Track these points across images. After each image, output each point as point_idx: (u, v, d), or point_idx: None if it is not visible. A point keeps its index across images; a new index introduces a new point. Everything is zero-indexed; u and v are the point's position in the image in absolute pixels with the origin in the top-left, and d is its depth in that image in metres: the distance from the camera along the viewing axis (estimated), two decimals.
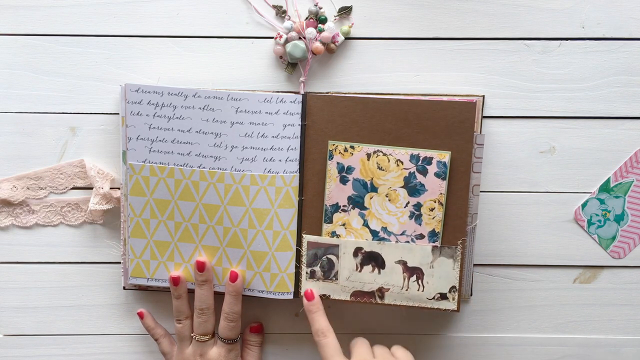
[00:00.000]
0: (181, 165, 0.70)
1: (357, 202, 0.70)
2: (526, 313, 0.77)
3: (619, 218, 0.75)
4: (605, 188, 0.74)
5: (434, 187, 0.69)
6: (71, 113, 0.73)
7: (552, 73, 0.73)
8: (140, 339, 0.76)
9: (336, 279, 0.71)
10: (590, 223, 0.75)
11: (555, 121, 0.73)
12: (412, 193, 0.69)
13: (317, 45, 0.71)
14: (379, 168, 0.69)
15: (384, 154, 0.69)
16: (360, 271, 0.71)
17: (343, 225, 0.70)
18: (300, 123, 0.70)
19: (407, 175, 0.69)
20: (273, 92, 0.70)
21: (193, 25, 0.72)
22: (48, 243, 0.75)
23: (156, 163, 0.70)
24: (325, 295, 0.71)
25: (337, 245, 0.71)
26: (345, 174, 0.69)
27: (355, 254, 0.71)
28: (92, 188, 0.72)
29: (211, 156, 0.69)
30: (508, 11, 0.72)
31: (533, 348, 0.77)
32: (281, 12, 0.71)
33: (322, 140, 0.70)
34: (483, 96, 0.72)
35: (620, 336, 0.77)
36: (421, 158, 0.69)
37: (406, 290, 0.71)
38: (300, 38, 0.71)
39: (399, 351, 0.67)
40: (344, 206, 0.70)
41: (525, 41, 0.72)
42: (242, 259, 0.71)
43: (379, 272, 0.71)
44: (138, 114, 0.69)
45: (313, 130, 0.70)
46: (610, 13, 0.72)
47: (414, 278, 0.70)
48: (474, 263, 0.75)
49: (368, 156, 0.69)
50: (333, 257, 0.71)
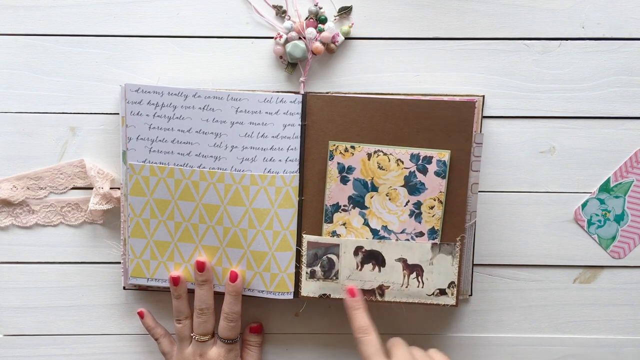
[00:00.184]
0: (181, 165, 0.70)
1: (358, 202, 0.70)
2: (526, 313, 0.77)
3: (619, 218, 0.75)
4: (605, 188, 0.74)
5: (434, 186, 0.69)
6: (71, 113, 0.73)
7: (552, 73, 0.73)
8: (140, 339, 0.76)
9: (336, 278, 0.71)
10: (590, 223, 0.75)
11: (555, 121, 0.73)
12: (413, 192, 0.70)
13: (317, 45, 0.71)
14: (380, 168, 0.69)
15: (385, 154, 0.69)
16: (360, 270, 0.71)
17: (343, 224, 0.70)
18: (300, 123, 0.70)
19: (408, 174, 0.69)
20: (273, 92, 0.70)
21: (193, 25, 0.72)
22: (48, 243, 0.75)
23: (156, 163, 0.70)
24: (325, 294, 0.71)
25: (338, 244, 0.71)
26: (345, 174, 0.69)
27: (355, 253, 0.71)
28: (92, 188, 0.72)
29: (211, 156, 0.69)
30: (508, 11, 0.72)
31: (533, 348, 0.77)
32: (281, 12, 0.71)
33: (322, 140, 0.70)
34: (483, 96, 0.72)
35: (620, 336, 0.77)
36: (421, 157, 0.69)
37: (406, 287, 0.71)
38: (300, 38, 0.71)
39: (437, 355, 0.66)
40: (345, 206, 0.70)
41: (525, 41, 0.72)
42: (242, 259, 0.71)
43: (379, 270, 0.71)
44: (138, 114, 0.69)
45: (313, 130, 0.70)
46: (610, 13, 0.72)
47: (414, 275, 0.71)
48: (474, 263, 0.75)
49: (369, 156, 0.69)
50: (333, 257, 0.71)
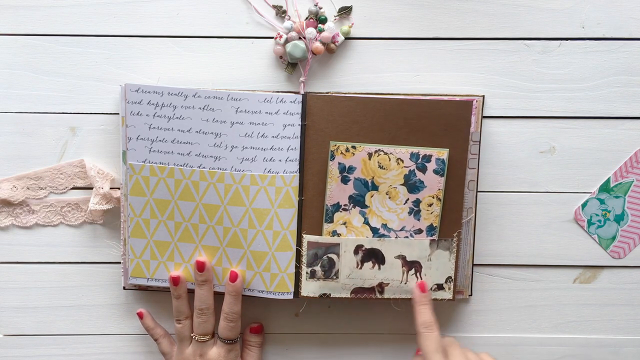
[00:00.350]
0: (181, 165, 0.70)
1: (358, 201, 0.70)
2: (526, 313, 0.77)
3: (619, 218, 0.75)
4: (605, 188, 0.74)
5: (433, 184, 0.70)
6: (71, 113, 0.73)
7: (552, 73, 0.73)
8: (140, 339, 0.76)
9: (337, 278, 0.71)
10: (590, 223, 0.75)
11: (555, 121, 0.73)
12: (412, 190, 0.70)
13: (317, 45, 0.71)
14: (380, 167, 0.69)
15: (385, 153, 0.69)
16: (360, 268, 0.71)
17: (344, 224, 0.71)
18: (300, 123, 0.70)
19: (407, 173, 0.69)
20: (273, 92, 0.70)
21: (193, 25, 0.72)
22: (48, 243, 0.75)
23: (156, 163, 0.70)
24: (325, 294, 0.71)
25: (338, 244, 0.71)
26: (346, 174, 0.70)
27: (355, 252, 0.71)
28: (92, 188, 0.72)
29: (211, 156, 0.69)
30: (508, 11, 0.72)
31: (533, 348, 0.77)
32: (281, 12, 0.71)
33: (322, 140, 0.70)
34: (483, 96, 0.72)
35: (620, 336, 0.77)
36: (421, 156, 0.69)
37: (405, 283, 0.71)
38: (300, 38, 0.71)
39: (488, 358, 0.67)
40: (345, 205, 0.70)
41: (525, 41, 0.72)
42: (242, 259, 0.71)
43: (379, 268, 0.71)
44: (138, 114, 0.69)
45: (313, 130, 0.70)
46: (610, 13, 0.72)
47: (413, 271, 0.71)
48: (474, 263, 0.75)
49: (369, 156, 0.69)
50: (334, 256, 0.71)
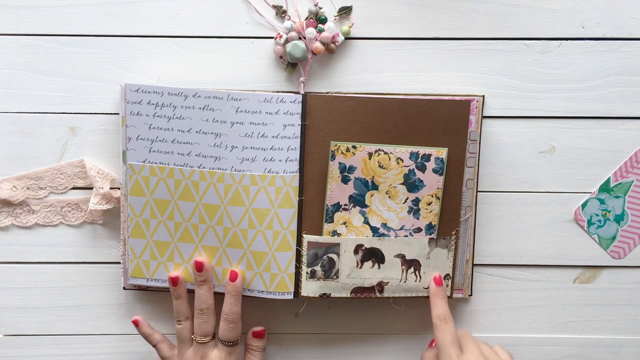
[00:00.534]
0: (181, 165, 0.70)
1: (358, 201, 0.70)
2: (526, 313, 0.77)
3: (619, 218, 0.75)
4: (605, 188, 0.74)
5: (432, 183, 0.70)
6: (71, 113, 0.73)
7: (552, 73, 0.73)
8: (140, 339, 0.76)
9: (337, 278, 0.71)
10: (590, 223, 0.75)
11: (555, 121, 0.73)
12: (411, 189, 0.70)
13: (317, 45, 0.71)
14: (380, 166, 0.69)
15: (385, 153, 0.69)
16: (360, 268, 0.71)
17: (344, 224, 0.71)
18: (300, 123, 0.70)
19: (407, 172, 0.70)
20: (273, 92, 0.70)
21: (193, 25, 0.72)
22: (48, 243, 0.75)
23: (156, 163, 0.70)
24: (325, 294, 0.71)
25: (338, 243, 0.71)
26: (347, 174, 0.70)
27: (356, 251, 0.71)
28: (92, 188, 0.72)
29: (211, 156, 0.69)
30: (508, 11, 0.72)
31: (533, 348, 0.77)
32: (281, 12, 0.71)
33: (322, 140, 0.70)
34: (483, 96, 0.72)
35: (620, 336, 0.77)
36: (420, 155, 0.69)
37: (404, 282, 0.72)
38: (300, 38, 0.71)
39: (502, 352, 0.67)
40: (345, 205, 0.70)
41: (525, 41, 0.72)
42: (242, 259, 0.71)
43: (379, 267, 0.71)
44: (138, 114, 0.69)
45: (313, 130, 0.70)
46: (610, 13, 0.72)
47: (412, 270, 0.72)
48: (474, 263, 0.75)
49: (369, 155, 0.69)
50: (334, 256, 0.71)
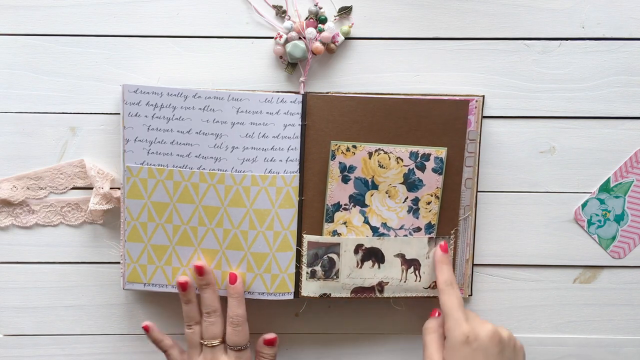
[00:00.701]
0: (180, 167, 0.69)
1: (358, 200, 0.70)
2: (526, 313, 0.77)
3: (619, 218, 0.75)
4: (605, 188, 0.74)
5: (432, 182, 0.70)
6: (71, 113, 0.73)
7: (552, 73, 0.73)
8: (140, 339, 0.76)
9: (337, 278, 0.71)
10: (590, 223, 0.75)
11: (555, 121, 0.73)
12: (411, 188, 0.70)
13: (317, 45, 0.71)
14: (380, 166, 0.69)
15: (385, 152, 0.69)
16: (360, 267, 0.71)
17: (344, 223, 0.71)
18: (300, 123, 0.70)
19: (407, 171, 0.70)
20: (273, 92, 0.70)
21: (193, 25, 0.72)
22: (48, 243, 0.75)
23: (155, 165, 0.69)
24: (325, 294, 0.71)
25: (338, 243, 0.71)
26: (347, 173, 0.70)
27: (356, 251, 0.71)
28: (92, 188, 0.72)
29: (211, 157, 0.69)
30: (508, 11, 0.72)
31: (533, 348, 0.77)
32: (281, 12, 0.71)
33: (322, 140, 0.70)
34: (483, 96, 0.72)
35: (620, 336, 0.77)
36: (420, 155, 0.69)
37: (404, 282, 0.72)
38: (300, 38, 0.71)
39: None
40: (345, 205, 0.70)
41: (525, 41, 0.72)
42: (243, 261, 0.71)
43: (379, 267, 0.71)
44: (136, 115, 0.69)
45: (313, 130, 0.70)
46: (610, 13, 0.72)
47: (412, 269, 0.72)
48: (474, 263, 0.75)
49: (369, 155, 0.69)
50: (334, 256, 0.71)
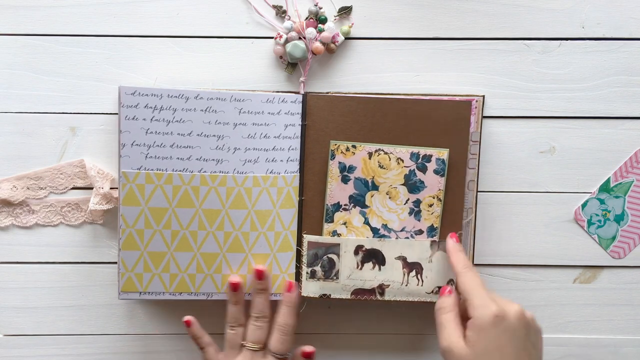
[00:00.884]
0: (180, 170, 0.68)
1: (358, 201, 0.70)
2: None
3: (619, 218, 0.75)
4: (605, 188, 0.74)
5: (433, 184, 0.70)
6: (71, 113, 0.73)
7: (552, 73, 0.73)
8: (140, 339, 0.76)
9: (337, 278, 0.71)
10: (590, 223, 0.75)
11: (555, 121, 0.73)
12: (412, 190, 0.70)
13: (317, 45, 0.71)
14: (380, 166, 0.69)
15: (385, 153, 0.69)
16: (360, 269, 0.71)
17: (344, 224, 0.70)
18: (300, 123, 0.70)
19: (408, 172, 0.69)
20: (274, 92, 0.70)
21: (193, 25, 0.72)
22: (48, 243, 0.75)
23: (153, 170, 0.68)
24: (325, 294, 0.71)
25: (338, 244, 0.71)
26: (346, 173, 0.70)
27: (356, 252, 0.71)
28: (92, 188, 0.72)
29: (213, 159, 0.68)
30: (508, 11, 0.72)
31: None
32: (281, 12, 0.71)
33: (323, 139, 0.70)
34: (483, 96, 0.72)
35: (620, 336, 0.77)
36: (421, 156, 0.69)
37: (406, 285, 0.71)
38: (300, 38, 0.71)
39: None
40: (345, 205, 0.70)
41: (525, 41, 0.72)
42: (243, 264, 0.70)
43: (380, 269, 0.71)
44: (134, 119, 0.67)
45: (313, 130, 0.70)
46: (610, 13, 0.72)
47: (413, 273, 0.71)
48: (474, 263, 0.75)
49: (369, 155, 0.69)
50: (334, 256, 0.71)
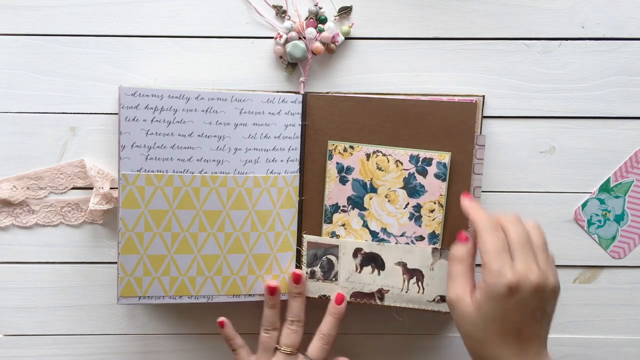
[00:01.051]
0: (181, 171, 0.68)
1: (357, 203, 0.70)
2: None
3: (619, 218, 0.75)
4: (605, 188, 0.74)
5: (434, 189, 0.69)
6: (71, 113, 0.73)
7: (552, 73, 0.73)
8: (140, 339, 0.76)
9: (336, 280, 0.71)
10: (590, 223, 0.75)
11: (555, 121, 0.73)
12: (412, 194, 0.69)
13: (317, 45, 0.71)
14: (379, 168, 0.69)
15: (384, 155, 0.69)
16: (359, 272, 0.71)
17: (343, 225, 0.70)
18: (300, 123, 0.70)
19: (407, 176, 0.69)
20: (274, 92, 0.70)
21: (193, 25, 0.72)
22: (48, 243, 0.75)
23: (153, 171, 0.68)
24: (324, 295, 0.71)
25: (337, 245, 0.71)
26: (344, 174, 0.69)
27: (355, 255, 0.70)
28: (92, 188, 0.72)
29: (214, 160, 0.68)
30: (508, 11, 0.72)
31: None
32: (281, 12, 0.71)
33: (322, 140, 0.70)
34: (483, 96, 0.72)
35: (620, 336, 0.77)
36: (421, 159, 0.69)
37: (406, 292, 0.70)
38: (300, 38, 0.71)
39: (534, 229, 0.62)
40: (344, 206, 0.70)
41: (525, 41, 0.72)
42: (244, 265, 0.70)
43: (379, 274, 0.70)
44: (134, 120, 0.67)
45: (313, 130, 0.70)
46: (610, 13, 0.72)
47: (414, 280, 0.70)
48: (475, 264, 0.75)
49: (367, 156, 0.69)
50: (333, 258, 0.71)
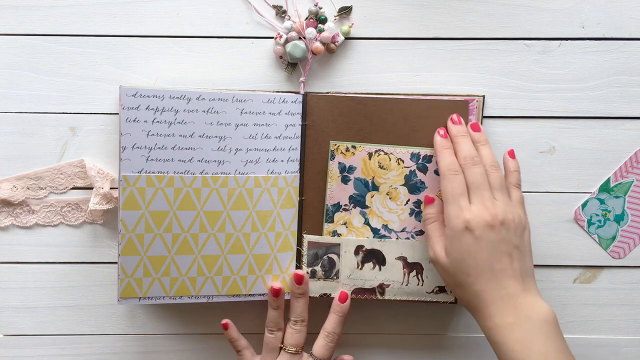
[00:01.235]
0: (182, 172, 0.68)
1: (359, 201, 0.70)
2: None
3: (619, 218, 0.75)
4: (605, 188, 0.74)
5: (434, 185, 0.70)
6: (71, 113, 0.73)
7: (552, 73, 0.73)
8: (140, 339, 0.76)
9: (337, 278, 0.71)
10: (590, 223, 0.75)
11: (555, 121, 0.73)
12: (413, 191, 0.70)
13: (317, 45, 0.71)
14: (380, 167, 0.69)
15: (385, 153, 0.69)
16: (361, 269, 0.71)
17: (344, 224, 0.71)
18: (300, 123, 0.70)
19: (408, 173, 0.70)
20: (274, 92, 0.70)
21: (193, 25, 0.72)
22: (48, 243, 0.75)
23: (154, 172, 0.67)
24: (326, 294, 0.71)
25: (338, 244, 0.71)
26: (346, 174, 0.70)
27: (356, 252, 0.71)
28: (92, 188, 0.72)
29: (214, 161, 0.68)
30: (508, 11, 0.72)
31: None
32: (281, 12, 0.71)
33: (322, 140, 0.70)
34: (483, 96, 0.72)
35: (620, 336, 0.77)
36: (421, 156, 0.69)
37: (406, 285, 0.71)
38: (300, 38, 0.71)
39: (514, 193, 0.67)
40: (345, 205, 0.70)
41: (525, 41, 0.72)
42: (244, 265, 0.70)
43: (380, 269, 0.71)
44: (135, 121, 0.67)
45: (313, 130, 0.70)
46: (610, 13, 0.72)
47: (414, 273, 0.71)
48: None
49: (369, 155, 0.69)
50: (334, 256, 0.71)
